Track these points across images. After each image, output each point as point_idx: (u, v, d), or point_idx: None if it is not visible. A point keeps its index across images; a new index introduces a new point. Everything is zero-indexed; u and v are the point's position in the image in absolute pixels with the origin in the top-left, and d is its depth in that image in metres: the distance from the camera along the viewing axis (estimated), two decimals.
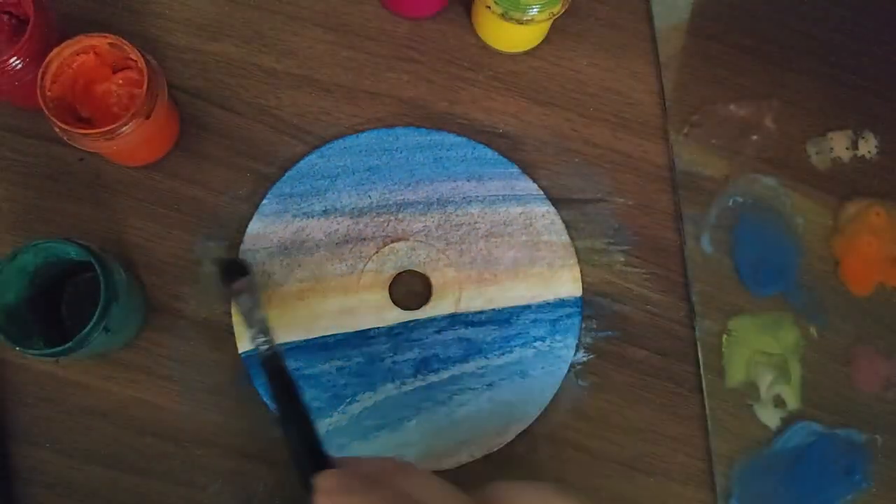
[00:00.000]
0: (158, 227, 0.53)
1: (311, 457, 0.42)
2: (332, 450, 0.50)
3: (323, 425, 0.51)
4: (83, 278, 0.51)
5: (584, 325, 0.53)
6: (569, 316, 0.53)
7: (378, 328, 0.52)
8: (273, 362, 0.45)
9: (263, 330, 0.45)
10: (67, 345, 0.44)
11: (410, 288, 0.53)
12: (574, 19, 0.57)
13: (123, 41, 0.47)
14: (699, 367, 0.53)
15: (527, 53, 0.57)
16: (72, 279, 0.51)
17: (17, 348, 0.44)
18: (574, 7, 0.55)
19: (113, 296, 0.45)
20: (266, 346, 0.45)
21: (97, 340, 0.45)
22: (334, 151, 0.54)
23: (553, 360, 0.52)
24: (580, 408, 0.52)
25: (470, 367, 0.52)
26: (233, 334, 0.52)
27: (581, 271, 0.54)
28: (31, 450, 0.50)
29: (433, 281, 0.53)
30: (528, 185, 0.55)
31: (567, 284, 0.53)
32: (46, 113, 0.46)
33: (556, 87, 0.57)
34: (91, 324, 0.44)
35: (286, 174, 0.54)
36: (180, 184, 0.54)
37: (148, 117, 0.47)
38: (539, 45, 0.57)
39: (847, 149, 0.57)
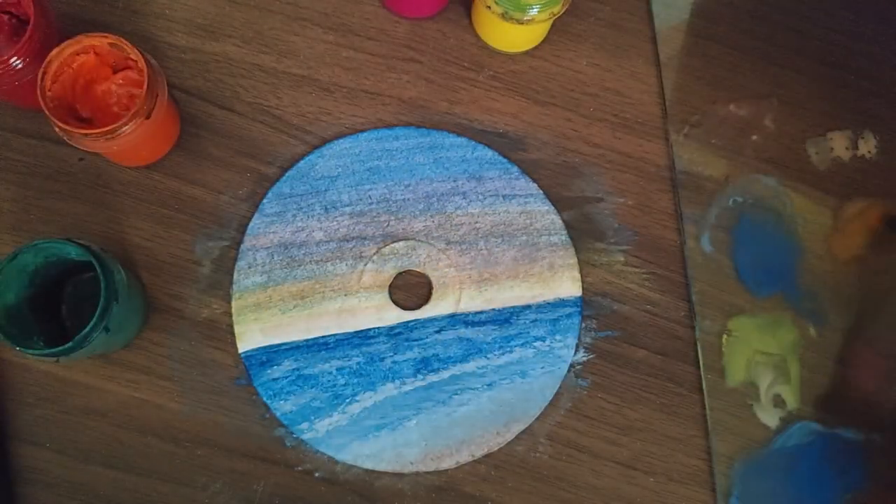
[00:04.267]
0: (158, 227, 0.53)
1: None
2: (332, 450, 0.51)
3: (323, 425, 0.51)
4: (83, 278, 0.51)
5: (584, 325, 0.53)
6: (569, 316, 0.53)
7: (378, 328, 0.52)
8: None
9: None
10: (67, 345, 0.44)
11: (410, 288, 0.53)
12: (574, 19, 0.57)
13: (123, 41, 0.47)
14: (699, 367, 0.53)
15: (527, 53, 0.57)
16: (72, 279, 0.51)
17: (18, 348, 0.44)
18: (574, 7, 0.55)
19: (113, 296, 0.45)
20: None
21: (97, 340, 0.45)
22: (334, 151, 0.54)
23: (553, 360, 0.52)
24: (580, 407, 0.52)
25: (470, 366, 0.52)
26: (233, 334, 0.52)
27: (581, 271, 0.54)
28: (31, 450, 0.50)
29: (433, 281, 0.53)
30: (528, 185, 0.55)
31: (567, 284, 0.53)
32: (46, 113, 0.46)
33: (556, 87, 0.57)
34: (91, 324, 0.44)
35: (286, 174, 0.54)
36: (180, 184, 0.54)
37: (148, 117, 0.47)
38: (539, 45, 0.57)
39: (847, 149, 0.57)
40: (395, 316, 0.52)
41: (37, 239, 0.45)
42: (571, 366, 0.53)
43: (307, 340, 0.52)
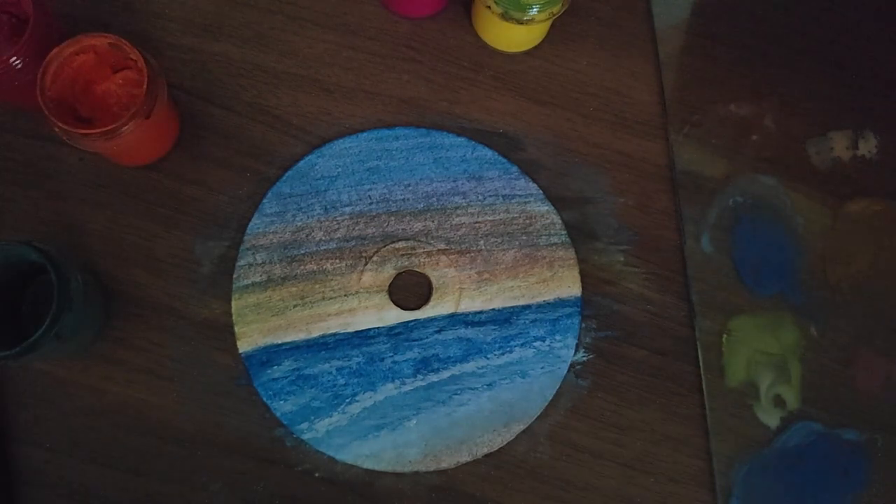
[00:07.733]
0: (158, 227, 0.53)
1: None
2: (332, 450, 0.51)
3: (323, 425, 0.51)
4: (46, 279, 0.50)
5: (583, 325, 0.53)
6: (569, 316, 0.53)
7: (378, 328, 0.52)
8: None
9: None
10: (14, 350, 0.43)
11: (410, 288, 0.53)
12: (574, 19, 0.57)
13: (123, 41, 0.47)
14: (699, 367, 0.53)
15: (527, 53, 0.57)
16: (34, 280, 0.50)
17: None
18: (574, 7, 0.55)
19: (66, 304, 0.44)
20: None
21: (47, 347, 0.44)
22: (334, 151, 0.54)
23: (553, 360, 0.52)
24: (580, 407, 0.52)
25: (470, 366, 0.52)
26: (233, 334, 0.52)
27: (581, 271, 0.54)
28: (31, 450, 0.50)
29: (433, 281, 0.53)
30: (528, 185, 0.55)
31: (567, 284, 0.53)
32: (46, 113, 0.46)
33: (556, 86, 0.57)
34: (41, 331, 0.43)
35: (286, 174, 0.54)
36: (180, 184, 0.54)
37: (148, 117, 0.47)
38: (539, 44, 0.57)
39: (847, 149, 0.57)
40: (395, 316, 0.52)
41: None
42: (571, 366, 0.53)
43: (307, 340, 0.52)
